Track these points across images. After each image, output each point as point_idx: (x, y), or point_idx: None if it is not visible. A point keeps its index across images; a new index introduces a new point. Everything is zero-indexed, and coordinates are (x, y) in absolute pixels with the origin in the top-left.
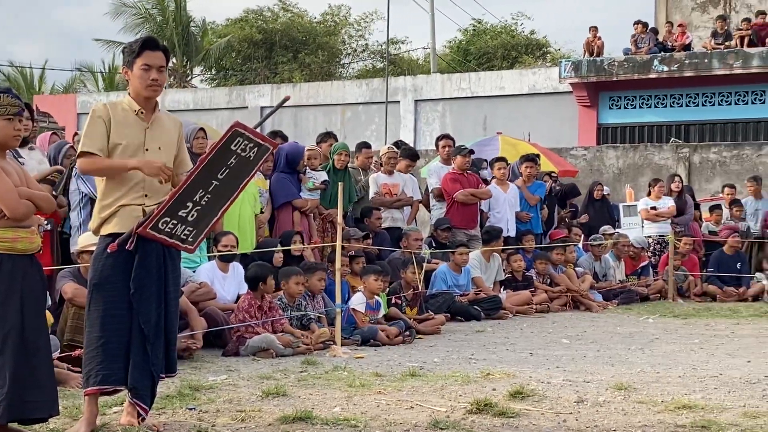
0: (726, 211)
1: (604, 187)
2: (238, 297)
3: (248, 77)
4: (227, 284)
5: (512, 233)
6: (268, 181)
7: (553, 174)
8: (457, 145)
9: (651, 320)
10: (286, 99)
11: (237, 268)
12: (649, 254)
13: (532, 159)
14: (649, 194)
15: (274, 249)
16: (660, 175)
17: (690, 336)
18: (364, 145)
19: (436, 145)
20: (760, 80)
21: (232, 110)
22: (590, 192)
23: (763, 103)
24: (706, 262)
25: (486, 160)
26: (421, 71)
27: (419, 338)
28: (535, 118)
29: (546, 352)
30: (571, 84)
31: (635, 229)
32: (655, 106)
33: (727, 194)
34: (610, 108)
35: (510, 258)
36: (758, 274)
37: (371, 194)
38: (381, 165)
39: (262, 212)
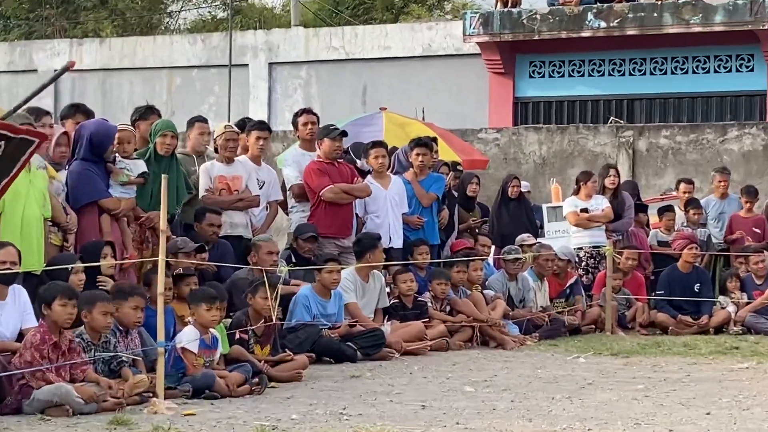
0: (681, 215)
1: (522, 183)
2: (20, 333)
3: (38, 29)
4: (4, 315)
5: (398, 243)
6: (65, 172)
7: (456, 165)
8: (324, 124)
9: (583, 360)
10: (69, 66)
11: (18, 293)
12: (581, 272)
13: (425, 144)
14: (577, 192)
15: (72, 266)
16: (595, 166)
17: (633, 380)
18: (198, 120)
19: (295, 124)
20: (725, 41)
21: (15, 74)
22: (503, 188)
23: (729, 71)
24: (655, 281)
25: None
26: (278, 24)
27: (272, 387)
28: (432, 90)
29: (443, 404)
30: (478, 44)
31: (563, 238)
32: (590, 75)
33: (683, 192)
34: (530, 76)
35: (397, 277)
36: (722, 298)
37: (201, 190)
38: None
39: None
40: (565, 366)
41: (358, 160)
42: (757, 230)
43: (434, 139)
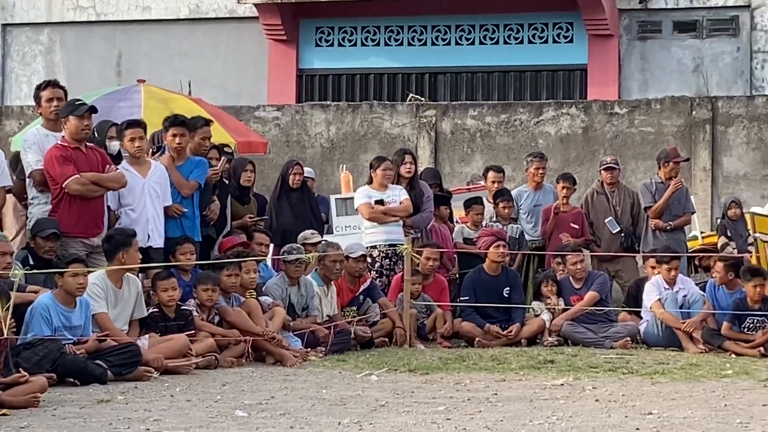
0: (489, 208)
1: (306, 169)
2: None
3: None
4: None
5: (159, 242)
6: None
7: (227, 148)
8: (69, 99)
9: (375, 377)
10: None
11: None
12: (374, 274)
13: (183, 123)
14: (371, 181)
15: None
16: (392, 150)
17: (433, 401)
18: None
19: (37, 98)
20: (541, 8)
21: None
22: (284, 177)
23: (545, 42)
24: (460, 285)
25: (116, 125)
26: None
27: (4, 415)
28: (200, 59)
29: (210, 431)
30: (255, 5)
31: (354, 234)
32: (386, 44)
33: (492, 181)
34: (316, 45)
35: (156, 283)
36: (536, 304)
37: None
38: None
39: None
40: (355, 385)
41: (110, 142)
42: (576, 226)
43: (209, 122)
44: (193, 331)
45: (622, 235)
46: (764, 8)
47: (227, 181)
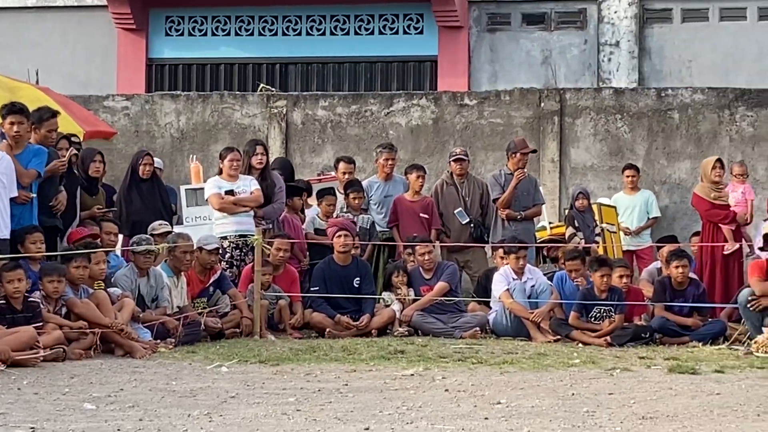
0: (341, 198)
1: (156, 160)
2: None
3: None
4: None
5: (5, 233)
6: None
7: (74, 138)
8: None
9: (225, 369)
10: None
11: None
12: (225, 265)
13: (20, 110)
14: (220, 172)
15: None
16: (243, 140)
17: (283, 392)
18: None
19: None
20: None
21: None
22: (133, 167)
23: (396, 33)
24: (310, 275)
25: None
26: None
27: None
28: (48, 48)
29: (57, 425)
30: None
31: (204, 225)
32: (237, 34)
33: (342, 172)
34: (166, 34)
35: (3, 274)
36: (386, 294)
37: None
38: None
39: None
40: (205, 377)
41: None
42: (425, 216)
43: (55, 113)
44: (41, 323)
45: (471, 225)
46: (611, 1)
47: (76, 172)
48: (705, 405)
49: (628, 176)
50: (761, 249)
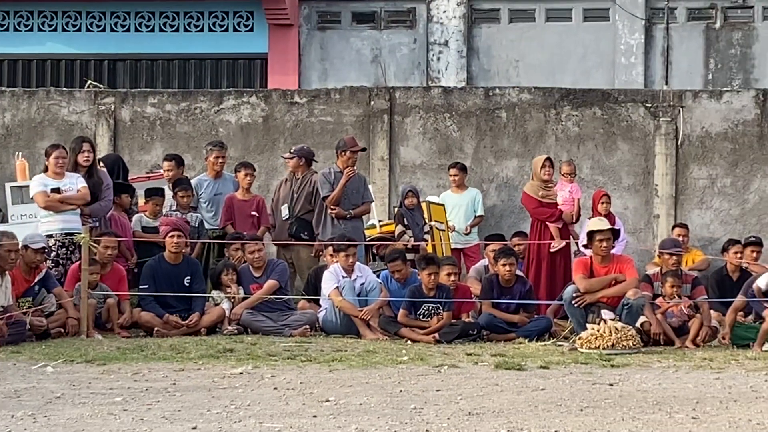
0: (169, 196)
1: None
2: None
3: None
4: None
5: None
6: None
7: None
8: None
9: (51, 369)
10: None
11: None
12: (51, 263)
13: None
14: (46, 169)
15: None
16: (70, 137)
17: (110, 392)
18: None
19: None
20: None
21: None
22: None
23: (226, 30)
24: (139, 273)
25: None
26: None
27: None
28: None
29: None
30: None
31: (30, 223)
32: (64, 30)
33: (167, 170)
34: None
35: None
36: (216, 293)
37: None
38: None
39: None
40: (30, 377)
41: None
42: (256, 214)
43: None
44: None
45: (290, 222)
46: (440, 1)
47: None
48: (530, 400)
49: (452, 175)
50: (585, 246)
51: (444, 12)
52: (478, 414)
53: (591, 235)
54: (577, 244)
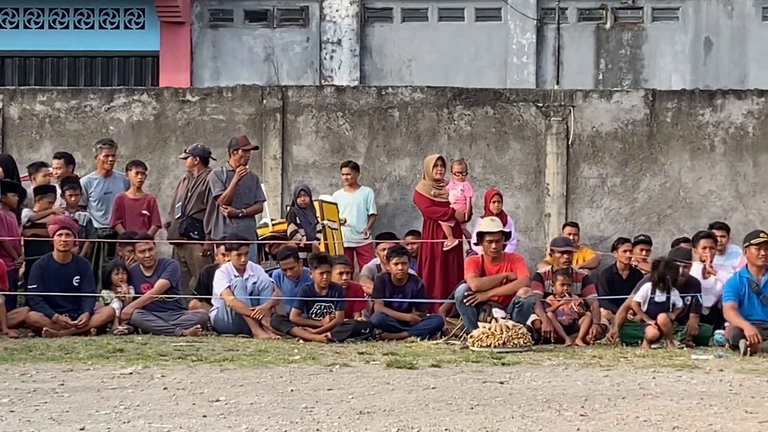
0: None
1: None
2: None
3: None
4: None
5: None
6: None
7: None
8: None
9: None
10: None
11: None
12: None
13: None
14: None
15: None
16: None
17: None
18: None
19: None
20: None
21: None
22: None
23: (117, 28)
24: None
25: None
26: None
27: None
28: None
29: None
30: None
31: None
32: None
33: (56, 168)
34: None
35: None
36: (105, 293)
37: None
38: None
39: None
40: None
41: None
42: (147, 213)
43: None
44: None
45: (182, 221)
46: (333, 0)
47: None
48: (421, 399)
49: (345, 174)
50: (476, 245)
51: (337, 11)
52: (368, 413)
53: (481, 235)
54: (469, 242)
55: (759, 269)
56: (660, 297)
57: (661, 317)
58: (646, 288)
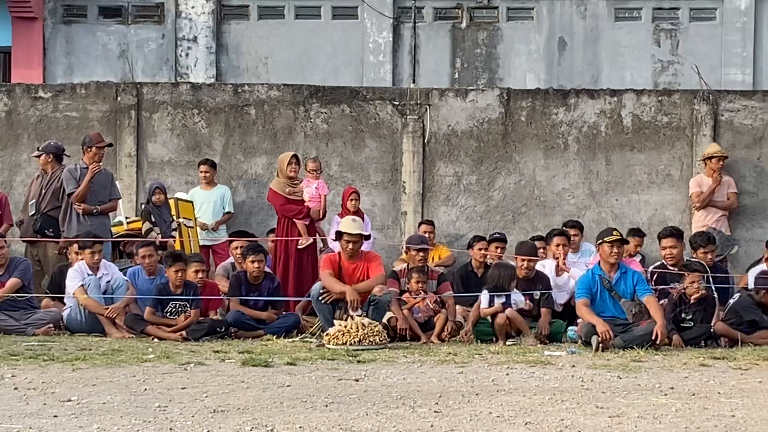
0: None
1: None
2: None
3: None
4: None
5: None
6: None
7: None
8: None
9: None
10: None
11: None
12: None
13: None
14: None
15: None
16: None
17: None
18: None
19: None
20: None
21: None
22: None
23: None
24: None
25: None
26: None
27: None
28: None
29: None
30: None
31: None
32: None
33: None
34: None
35: None
36: None
37: None
38: None
39: None
40: None
41: None
42: None
43: None
44: None
45: (36, 218)
46: None
47: None
48: (276, 397)
49: (202, 171)
50: (334, 240)
51: (193, 8)
52: (223, 411)
53: (340, 233)
54: (323, 241)
55: (611, 266)
56: (500, 299)
57: (500, 317)
58: (485, 295)
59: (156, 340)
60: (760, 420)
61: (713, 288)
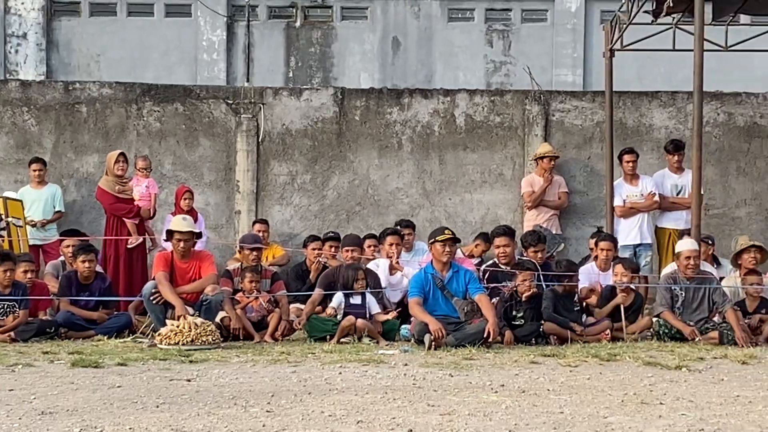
0: None
1: None
2: None
3: None
4: None
5: None
6: None
7: None
8: None
9: None
10: None
11: None
12: None
13: None
14: None
15: None
16: None
17: None
18: None
19: None
20: None
21: None
22: None
23: None
24: None
25: None
26: None
27: None
28: None
29: None
30: None
31: None
32: None
33: None
34: None
35: None
36: None
37: None
38: None
39: None
40: None
41: None
42: None
43: None
44: None
45: None
46: None
47: None
48: (106, 398)
49: (35, 170)
50: (166, 240)
51: (22, 4)
52: (51, 413)
53: (171, 232)
54: (152, 240)
55: (443, 265)
56: (356, 299)
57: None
58: (338, 296)
59: None
60: (587, 416)
61: (543, 286)
